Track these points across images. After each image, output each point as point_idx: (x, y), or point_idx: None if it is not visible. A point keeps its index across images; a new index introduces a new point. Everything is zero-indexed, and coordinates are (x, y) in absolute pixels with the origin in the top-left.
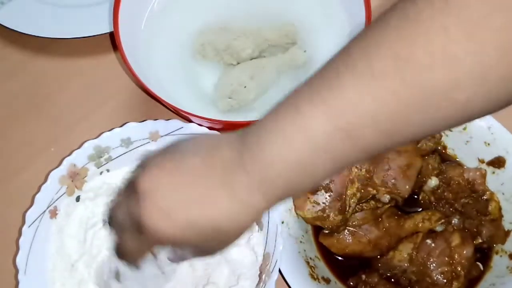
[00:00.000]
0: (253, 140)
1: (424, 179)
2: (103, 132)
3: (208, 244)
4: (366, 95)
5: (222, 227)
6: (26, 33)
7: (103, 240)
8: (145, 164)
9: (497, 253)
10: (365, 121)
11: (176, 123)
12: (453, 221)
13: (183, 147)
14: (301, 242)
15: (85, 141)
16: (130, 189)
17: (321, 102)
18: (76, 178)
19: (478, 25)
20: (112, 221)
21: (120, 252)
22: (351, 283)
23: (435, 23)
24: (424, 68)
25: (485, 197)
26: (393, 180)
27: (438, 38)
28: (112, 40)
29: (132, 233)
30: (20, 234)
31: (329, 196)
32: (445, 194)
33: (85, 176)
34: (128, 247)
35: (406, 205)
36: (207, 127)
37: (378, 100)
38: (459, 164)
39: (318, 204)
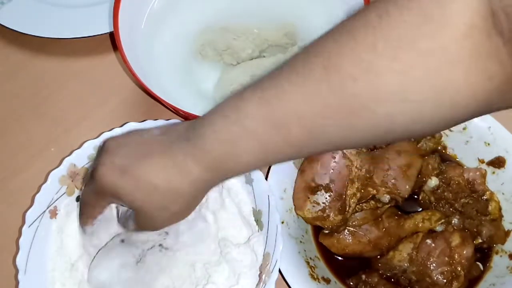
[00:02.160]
0: (202, 118)
1: (424, 179)
2: (103, 132)
3: (148, 204)
4: (296, 93)
5: (156, 182)
6: (26, 33)
7: (102, 240)
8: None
9: (497, 253)
10: (290, 115)
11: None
12: (453, 221)
13: (155, 126)
14: (301, 242)
15: (85, 141)
16: (101, 147)
17: (260, 92)
18: (76, 178)
19: (405, 47)
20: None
21: (79, 200)
22: (351, 283)
23: (366, 39)
24: (349, 78)
25: (485, 197)
26: (393, 180)
27: (366, 53)
28: (112, 40)
29: (90, 186)
30: (20, 234)
31: (329, 196)
32: (445, 194)
33: (85, 176)
34: (83, 194)
35: (406, 205)
36: None
37: (305, 99)
38: (459, 164)
39: (318, 204)
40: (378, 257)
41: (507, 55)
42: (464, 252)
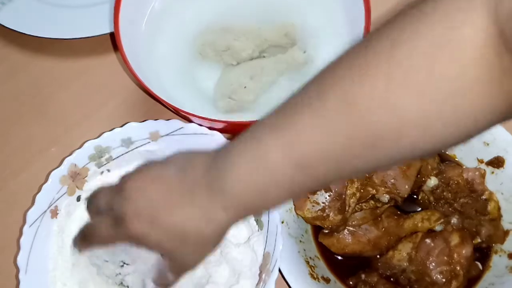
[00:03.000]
0: (220, 163)
1: (424, 179)
2: (103, 132)
3: (180, 250)
4: (317, 132)
5: (187, 232)
6: (26, 33)
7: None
8: (137, 169)
9: (496, 252)
10: (316, 155)
11: (176, 123)
12: (452, 221)
13: (166, 161)
14: (301, 241)
15: (86, 141)
16: (119, 186)
17: (278, 134)
18: (76, 178)
19: (423, 76)
20: (91, 203)
21: (89, 230)
22: (351, 283)
23: (379, 70)
24: (369, 112)
25: (484, 197)
26: (392, 180)
27: (383, 86)
28: (113, 40)
29: (108, 221)
30: (21, 233)
31: (328, 196)
32: (444, 194)
33: (86, 176)
34: (98, 230)
35: (406, 205)
36: (207, 127)
37: (328, 138)
38: (458, 164)
39: (318, 204)
40: (378, 256)
41: None
42: (463, 252)
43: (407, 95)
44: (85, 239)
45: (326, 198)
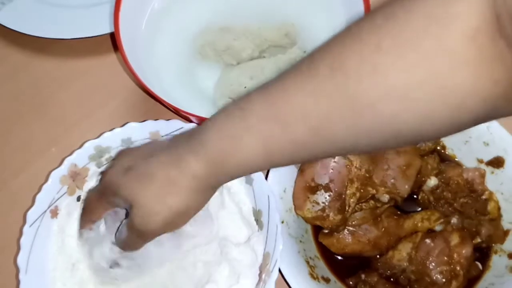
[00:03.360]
0: (207, 120)
1: (424, 179)
2: (103, 132)
3: (144, 193)
4: (301, 93)
5: (154, 173)
6: (27, 33)
7: (95, 259)
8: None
9: (496, 252)
10: (296, 114)
11: (176, 123)
12: (452, 221)
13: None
14: (301, 241)
15: (86, 141)
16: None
17: (265, 92)
18: (77, 178)
19: (410, 46)
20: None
21: (83, 208)
22: (351, 283)
23: (371, 39)
24: (354, 76)
25: (484, 197)
26: (392, 180)
27: (370, 53)
28: (113, 40)
29: (95, 188)
30: (21, 233)
31: (328, 196)
32: (444, 194)
33: (86, 176)
34: (86, 199)
35: (406, 205)
36: None
37: (311, 99)
38: (458, 164)
39: (318, 204)
40: (378, 256)
41: (511, 59)
42: (463, 252)
43: (392, 62)
44: (81, 218)
45: (326, 198)
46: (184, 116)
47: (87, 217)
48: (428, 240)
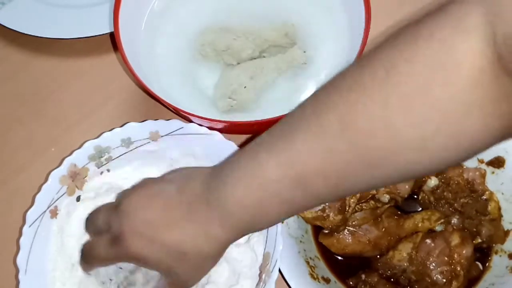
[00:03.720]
0: (219, 180)
1: (424, 179)
2: (103, 132)
3: (179, 269)
4: (315, 153)
5: (186, 250)
6: (26, 33)
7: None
8: (134, 186)
9: (496, 253)
10: (313, 175)
11: (176, 123)
12: (452, 221)
13: (164, 178)
14: (301, 242)
15: (86, 141)
16: (115, 203)
17: (276, 153)
18: (76, 178)
19: (418, 99)
20: (90, 223)
21: (88, 251)
22: (351, 283)
23: (376, 93)
24: (366, 134)
25: (484, 197)
26: None
27: (379, 110)
28: (113, 40)
29: (106, 240)
30: (20, 234)
31: None
32: (445, 194)
33: (86, 176)
34: (97, 250)
35: (406, 205)
36: (207, 127)
37: (325, 158)
38: (459, 164)
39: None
40: (378, 257)
41: None
42: (464, 252)
43: (403, 118)
44: (86, 260)
45: None
46: (184, 116)
47: (94, 265)
48: (428, 240)
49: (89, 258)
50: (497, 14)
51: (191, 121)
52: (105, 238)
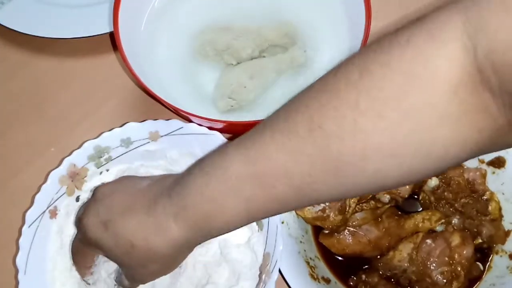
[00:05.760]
0: (187, 173)
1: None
2: (103, 132)
3: (127, 262)
4: (281, 151)
5: (135, 242)
6: (26, 33)
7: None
8: (115, 180)
9: (497, 253)
10: (277, 173)
11: (176, 123)
12: (453, 221)
13: (146, 176)
14: (301, 242)
15: (85, 141)
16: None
17: (243, 149)
18: (76, 178)
19: (390, 105)
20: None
21: (72, 251)
22: (351, 283)
23: (348, 97)
24: (334, 137)
25: (485, 197)
26: None
27: (349, 111)
28: (112, 40)
29: (78, 236)
30: (20, 234)
31: None
32: (445, 194)
33: (85, 176)
34: (75, 245)
35: (406, 205)
36: (207, 127)
37: (291, 158)
38: (459, 164)
39: (318, 204)
40: (378, 257)
41: (497, 108)
42: (464, 252)
43: (373, 122)
44: (75, 265)
45: None
46: (183, 116)
47: (81, 264)
48: (429, 241)
49: (73, 257)
50: (478, 28)
51: (190, 121)
52: (78, 231)
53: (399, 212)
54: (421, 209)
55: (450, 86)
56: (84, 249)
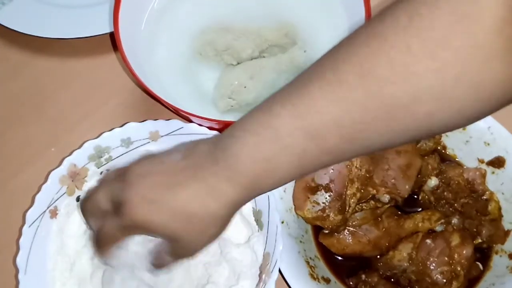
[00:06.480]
0: (228, 136)
1: (424, 179)
2: (103, 132)
3: (187, 231)
4: (331, 102)
5: (194, 210)
6: (26, 33)
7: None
8: (138, 159)
9: (496, 253)
10: (328, 125)
11: (176, 123)
12: (452, 221)
13: (169, 150)
14: (301, 242)
15: (86, 141)
16: (117, 178)
17: (290, 105)
18: (76, 178)
19: (441, 46)
20: (88, 207)
21: (99, 236)
22: (351, 283)
23: (398, 41)
24: (386, 81)
25: (484, 197)
26: (393, 180)
27: (401, 55)
28: (113, 40)
29: (111, 218)
30: (20, 234)
31: (329, 196)
32: (445, 194)
33: (85, 176)
34: (106, 229)
35: (406, 205)
36: (207, 127)
37: (342, 107)
38: (459, 164)
39: (318, 204)
40: (378, 257)
41: None
42: (464, 252)
43: (425, 63)
44: (100, 245)
45: (326, 198)
46: (184, 116)
47: (107, 247)
48: (428, 241)
49: (102, 243)
50: None
51: (191, 121)
52: (110, 216)
53: (399, 212)
54: (421, 209)
55: (496, 25)
56: (122, 234)
